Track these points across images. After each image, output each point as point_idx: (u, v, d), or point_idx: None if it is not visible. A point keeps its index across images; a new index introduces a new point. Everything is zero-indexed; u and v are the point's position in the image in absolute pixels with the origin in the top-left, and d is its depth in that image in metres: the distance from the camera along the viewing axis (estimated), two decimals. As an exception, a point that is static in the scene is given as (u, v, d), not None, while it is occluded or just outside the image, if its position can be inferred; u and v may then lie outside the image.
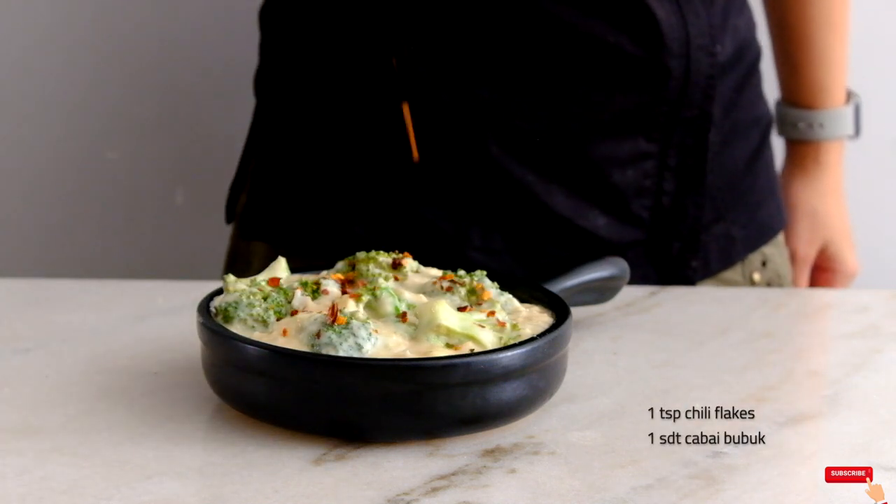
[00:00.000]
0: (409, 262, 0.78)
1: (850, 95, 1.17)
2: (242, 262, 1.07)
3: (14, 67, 1.41)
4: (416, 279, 0.77)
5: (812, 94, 1.16)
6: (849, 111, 1.16)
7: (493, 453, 0.68)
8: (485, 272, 0.77)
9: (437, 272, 0.78)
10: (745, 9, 1.09)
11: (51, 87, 1.41)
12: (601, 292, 0.88)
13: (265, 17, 1.09)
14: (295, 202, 1.04)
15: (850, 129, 1.17)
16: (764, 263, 1.11)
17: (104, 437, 0.69)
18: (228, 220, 1.13)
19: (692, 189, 1.04)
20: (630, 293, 0.96)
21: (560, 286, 0.83)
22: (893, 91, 1.41)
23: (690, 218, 1.05)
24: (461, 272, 0.77)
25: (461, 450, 0.68)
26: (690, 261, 1.06)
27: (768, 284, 1.11)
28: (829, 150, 1.17)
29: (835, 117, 1.16)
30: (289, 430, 0.69)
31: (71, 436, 0.69)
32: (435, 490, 0.64)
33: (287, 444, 0.68)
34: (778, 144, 1.19)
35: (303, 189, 1.04)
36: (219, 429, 0.70)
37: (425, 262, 0.80)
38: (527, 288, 0.79)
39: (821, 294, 1.09)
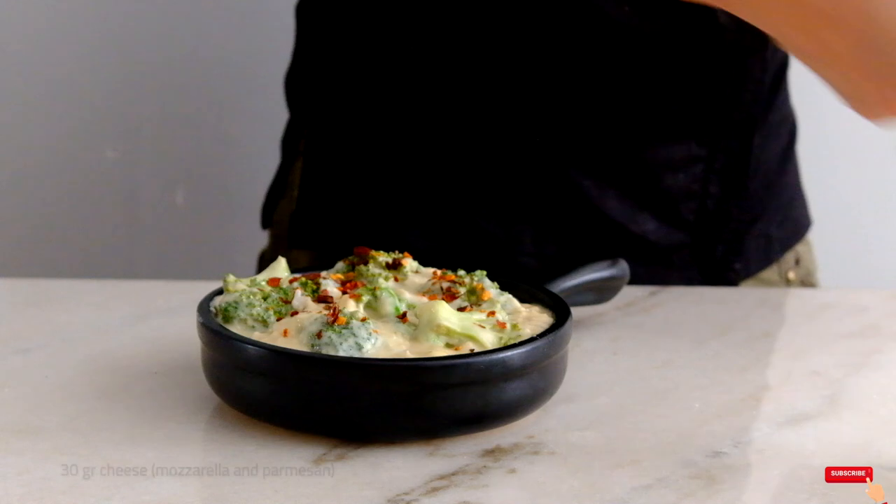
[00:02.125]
0: (409, 262, 0.78)
1: None
2: None
3: (14, 67, 1.41)
4: (415, 279, 0.77)
5: None
6: None
7: (493, 453, 0.68)
8: (485, 272, 0.77)
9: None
10: None
11: (50, 87, 1.41)
12: (601, 292, 0.88)
13: (302, 14, 1.08)
14: (346, 211, 1.04)
15: None
16: (797, 261, 1.11)
17: (104, 437, 0.69)
18: (264, 225, 1.13)
19: (735, 192, 1.05)
20: (630, 293, 0.96)
21: (560, 286, 0.83)
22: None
23: (734, 220, 1.05)
24: (461, 272, 0.77)
25: (461, 450, 0.68)
26: (733, 263, 1.06)
27: (802, 283, 1.11)
28: None
29: None
30: (289, 430, 0.69)
31: (71, 436, 0.69)
32: (435, 490, 0.64)
33: (287, 444, 0.68)
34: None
35: (354, 197, 1.03)
36: (219, 429, 0.70)
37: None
38: (527, 288, 0.79)
39: (821, 294, 1.09)
